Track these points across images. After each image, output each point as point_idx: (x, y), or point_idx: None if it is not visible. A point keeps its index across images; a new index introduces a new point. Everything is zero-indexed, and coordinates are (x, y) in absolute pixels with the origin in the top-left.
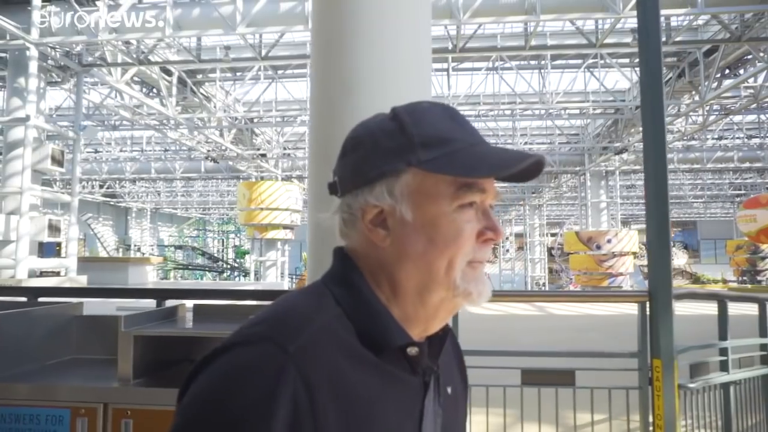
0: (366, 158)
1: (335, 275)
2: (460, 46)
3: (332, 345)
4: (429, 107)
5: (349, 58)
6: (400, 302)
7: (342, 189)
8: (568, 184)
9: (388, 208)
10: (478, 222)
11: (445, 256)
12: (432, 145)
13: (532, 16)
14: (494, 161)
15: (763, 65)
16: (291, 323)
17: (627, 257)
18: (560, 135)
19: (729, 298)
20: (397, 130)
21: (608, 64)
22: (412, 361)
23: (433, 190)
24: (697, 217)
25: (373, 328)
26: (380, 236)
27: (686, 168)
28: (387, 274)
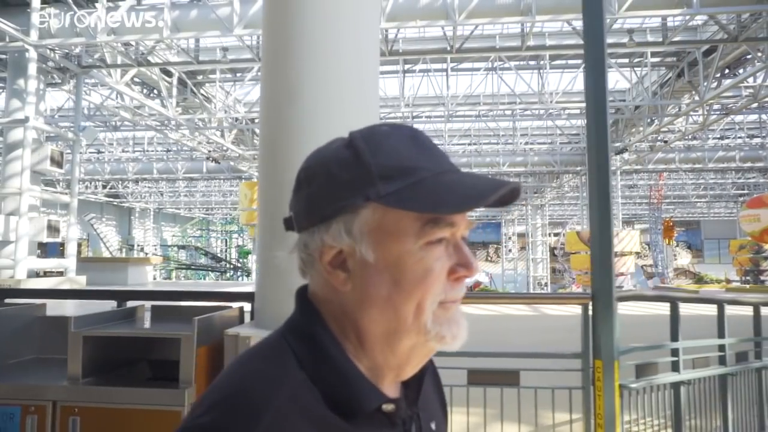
0: (320, 192)
1: (296, 327)
2: (457, 46)
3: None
4: (389, 131)
5: (296, 64)
6: (368, 351)
7: (298, 226)
8: (569, 183)
9: (348, 248)
10: (449, 258)
11: (412, 299)
12: (392, 177)
13: (528, 16)
14: (463, 193)
15: (761, 65)
16: (249, 405)
17: (628, 257)
18: (561, 135)
19: (680, 299)
20: (353, 160)
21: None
22: (390, 416)
23: (395, 226)
24: (701, 217)
25: (342, 392)
26: (340, 279)
27: (688, 168)
28: (351, 321)
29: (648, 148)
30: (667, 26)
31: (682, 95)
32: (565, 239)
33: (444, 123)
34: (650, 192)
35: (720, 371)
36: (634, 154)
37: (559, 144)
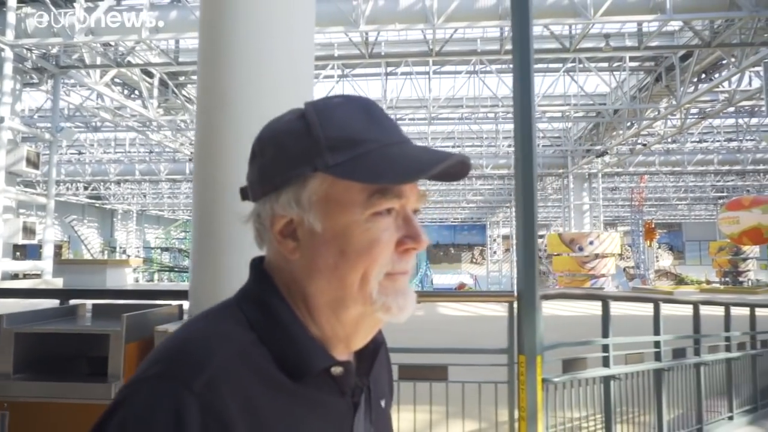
0: (271, 163)
1: (249, 294)
2: (437, 49)
3: (245, 374)
4: (341, 102)
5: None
6: (316, 319)
7: (252, 195)
8: (553, 186)
9: (297, 218)
10: (397, 230)
11: (358, 268)
12: (340, 148)
13: (506, 21)
14: (407, 165)
15: (735, 70)
16: (195, 356)
17: (609, 259)
18: (543, 138)
19: (611, 298)
20: (304, 131)
21: (587, 68)
22: (339, 382)
23: (343, 197)
24: (683, 219)
25: (290, 352)
26: (289, 248)
27: (668, 170)
28: (300, 289)
29: (628, 151)
30: (643, 31)
31: (660, 99)
32: (547, 241)
33: (427, 125)
34: (632, 194)
35: (655, 366)
36: (615, 157)
37: (542, 147)
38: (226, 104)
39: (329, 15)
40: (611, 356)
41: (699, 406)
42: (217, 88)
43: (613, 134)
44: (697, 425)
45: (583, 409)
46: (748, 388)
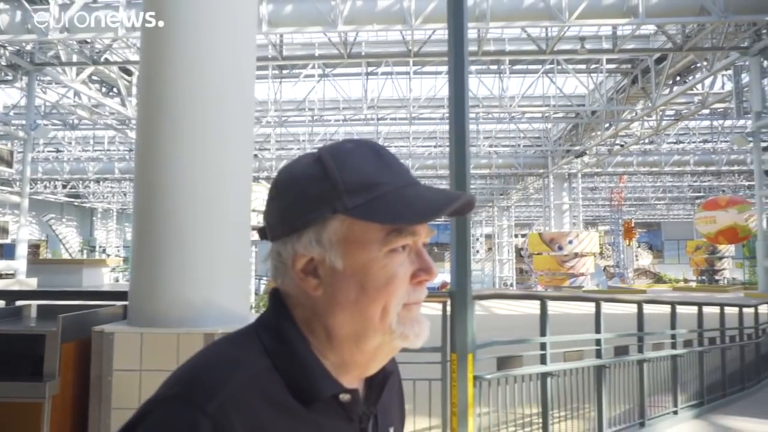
0: (292, 206)
1: (266, 322)
2: (416, 50)
3: (257, 399)
4: (354, 148)
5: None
6: (336, 349)
7: (271, 235)
8: (534, 186)
9: (318, 257)
10: (411, 264)
11: (378, 302)
12: (358, 191)
13: (483, 22)
14: (422, 206)
15: (707, 73)
16: (210, 380)
17: (588, 258)
18: (523, 138)
19: (548, 298)
20: (321, 176)
21: (564, 70)
22: (346, 408)
23: (361, 236)
24: (661, 219)
25: (301, 379)
26: (312, 285)
27: (646, 171)
28: (322, 322)
29: (607, 151)
30: (617, 35)
31: (637, 101)
32: (528, 240)
33: (408, 125)
34: (611, 194)
35: (595, 363)
36: (594, 157)
37: (523, 147)
38: (166, 107)
39: (308, 15)
40: (548, 354)
41: (642, 402)
42: (158, 90)
43: (591, 135)
44: (640, 420)
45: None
46: (696, 384)
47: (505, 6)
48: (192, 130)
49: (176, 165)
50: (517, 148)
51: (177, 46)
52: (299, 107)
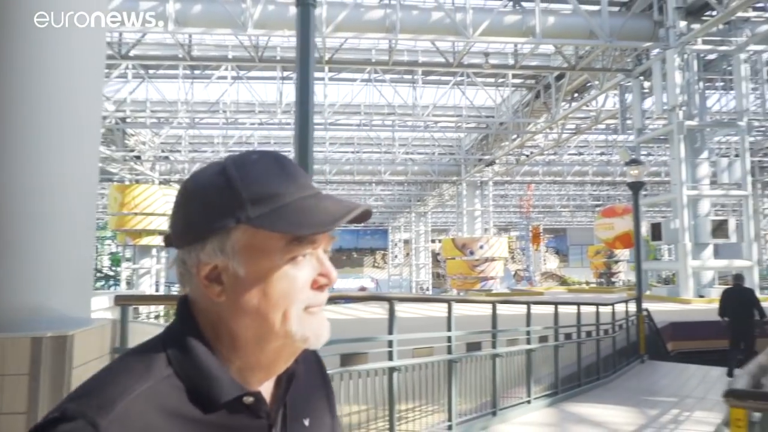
0: (196, 215)
1: (172, 332)
2: (328, 57)
3: (154, 410)
4: (258, 159)
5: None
6: (241, 353)
7: (176, 243)
8: (449, 192)
9: (221, 264)
10: (312, 270)
11: (279, 308)
12: (260, 201)
13: (392, 34)
14: (321, 217)
15: (598, 92)
16: (106, 394)
17: (498, 262)
18: (437, 147)
19: (397, 299)
20: (225, 186)
21: (473, 82)
22: (252, 409)
23: (263, 245)
24: (567, 225)
25: (202, 385)
26: (215, 292)
27: (550, 180)
28: (226, 327)
29: (515, 160)
30: (518, 52)
31: (540, 114)
32: (442, 246)
33: (324, 131)
34: (520, 202)
35: (446, 358)
36: (504, 166)
37: (437, 155)
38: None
39: (217, 16)
40: (395, 351)
41: (495, 393)
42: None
43: (501, 145)
44: (492, 409)
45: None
46: (551, 376)
47: (413, 19)
48: (23, 132)
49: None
50: (432, 156)
51: (10, 43)
52: (212, 109)
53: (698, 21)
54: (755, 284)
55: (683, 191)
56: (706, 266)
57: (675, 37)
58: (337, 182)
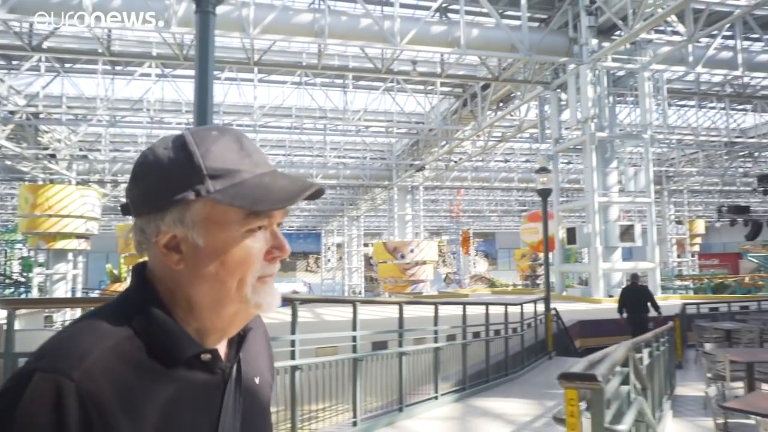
0: (156, 186)
1: (130, 297)
2: (256, 59)
3: (120, 364)
4: (218, 136)
5: None
6: (197, 317)
7: (135, 212)
8: (381, 197)
9: (181, 234)
10: (266, 242)
11: (235, 276)
12: (220, 177)
13: (321, 38)
14: (278, 194)
15: (520, 102)
16: (75, 350)
17: (428, 265)
18: (369, 151)
19: (298, 301)
20: (186, 161)
21: (403, 89)
22: (209, 365)
23: (222, 217)
24: (496, 229)
25: (162, 343)
26: (174, 260)
27: (479, 186)
28: (183, 293)
29: (444, 166)
30: (444, 61)
31: (468, 122)
32: (374, 249)
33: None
34: (450, 206)
35: (350, 357)
36: (434, 171)
37: (369, 159)
38: None
39: (138, 11)
40: (297, 350)
41: (401, 389)
42: None
43: (431, 151)
44: (398, 405)
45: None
46: (460, 373)
47: (342, 25)
48: None
49: None
50: (363, 160)
51: None
52: (135, 107)
53: (608, 40)
54: (657, 284)
55: (595, 198)
56: (615, 268)
57: (587, 54)
58: None
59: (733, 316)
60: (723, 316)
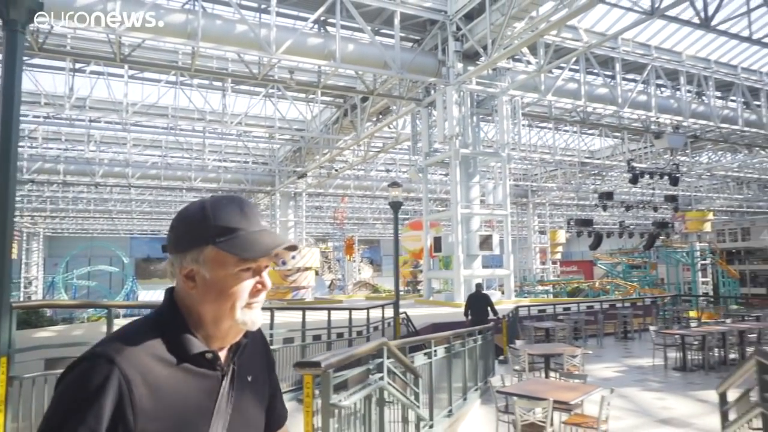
0: (183, 236)
1: (161, 310)
2: (126, 54)
3: (148, 356)
4: (227, 203)
5: None
6: (204, 327)
7: (169, 251)
8: (264, 202)
9: (195, 269)
10: (254, 278)
11: (228, 301)
12: (223, 233)
13: (194, 40)
14: (261, 246)
15: (395, 116)
16: (120, 343)
17: (309, 272)
18: (252, 156)
19: (70, 306)
20: (203, 220)
21: (285, 96)
22: (211, 362)
23: (222, 260)
24: (381, 236)
25: (180, 343)
26: (190, 286)
27: (361, 194)
28: (195, 310)
29: (326, 174)
30: (322, 72)
31: (349, 132)
32: None
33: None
34: (335, 213)
35: None
36: (317, 178)
37: (252, 164)
38: None
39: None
40: None
41: None
42: None
43: (313, 158)
44: None
45: None
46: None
47: (217, 29)
48: None
49: None
50: (245, 164)
51: None
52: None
53: (473, 64)
54: (512, 289)
55: (458, 210)
56: (475, 275)
57: (454, 76)
58: (142, 187)
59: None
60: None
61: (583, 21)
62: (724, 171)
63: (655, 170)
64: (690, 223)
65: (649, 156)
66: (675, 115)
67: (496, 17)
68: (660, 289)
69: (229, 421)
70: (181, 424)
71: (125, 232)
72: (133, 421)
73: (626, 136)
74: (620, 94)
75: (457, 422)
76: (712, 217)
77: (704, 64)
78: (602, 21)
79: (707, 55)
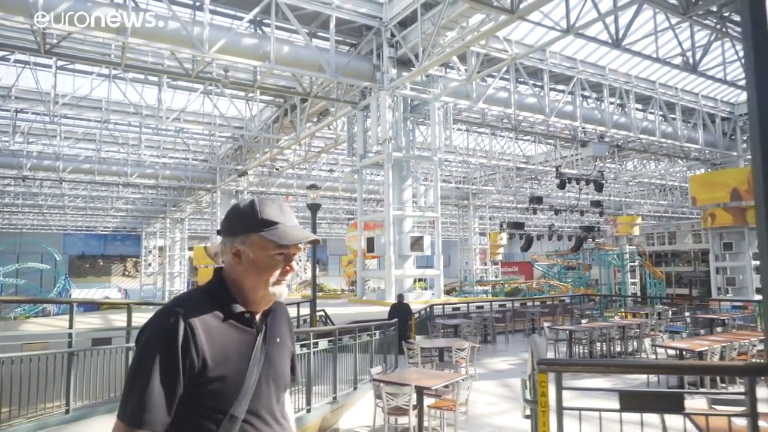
0: (236, 224)
1: (212, 281)
2: (53, 44)
3: (203, 311)
4: (271, 203)
5: None
6: (244, 294)
7: (223, 234)
8: (206, 200)
9: (242, 249)
10: (285, 261)
11: (264, 276)
12: (266, 225)
13: (123, 36)
14: (293, 238)
15: (332, 118)
16: (185, 303)
17: None
18: (191, 152)
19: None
20: (253, 214)
21: (223, 93)
22: (249, 321)
23: (264, 245)
24: (327, 236)
25: (226, 305)
26: (236, 262)
27: (303, 193)
28: (238, 281)
29: (268, 173)
30: (258, 72)
31: (290, 132)
32: (194, 254)
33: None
34: None
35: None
36: (258, 177)
37: (192, 161)
38: None
39: None
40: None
41: None
42: None
43: (254, 157)
44: None
45: None
46: None
47: (148, 24)
48: None
49: None
50: (185, 161)
51: None
52: None
53: (407, 70)
54: (441, 288)
55: (390, 211)
56: (407, 275)
57: (388, 81)
58: (75, 181)
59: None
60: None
61: (513, 33)
62: (648, 179)
63: (581, 177)
64: (621, 227)
65: (580, 163)
66: (599, 125)
67: (427, 26)
68: (593, 289)
69: (262, 367)
70: (228, 362)
71: (58, 228)
72: (196, 354)
73: (558, 144)
74: (548, 104)
75: (341, 409)
76: (641, 222)
77: (625, 78)
78: (531, 34)
79: (628, 70)
